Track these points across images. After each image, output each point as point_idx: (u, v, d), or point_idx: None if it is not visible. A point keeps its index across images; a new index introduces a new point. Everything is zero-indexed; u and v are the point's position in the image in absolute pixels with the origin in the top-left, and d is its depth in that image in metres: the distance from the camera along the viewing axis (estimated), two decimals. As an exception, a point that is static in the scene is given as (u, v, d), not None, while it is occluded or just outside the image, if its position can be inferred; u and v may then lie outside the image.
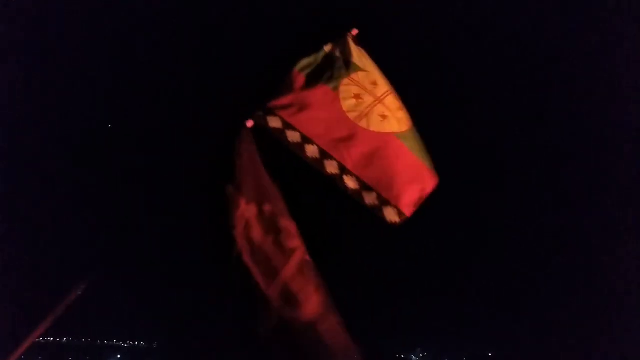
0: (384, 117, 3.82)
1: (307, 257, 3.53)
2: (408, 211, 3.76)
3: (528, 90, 11.41)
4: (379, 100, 3.88)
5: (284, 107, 3.64)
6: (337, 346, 3.32)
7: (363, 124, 3.76)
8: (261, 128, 3.59)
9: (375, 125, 3.77)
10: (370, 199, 3.69)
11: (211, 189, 3.60)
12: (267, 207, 3.49)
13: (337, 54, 3.98)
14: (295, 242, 3.51)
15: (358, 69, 3.90)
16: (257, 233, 3.44)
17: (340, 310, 3.54)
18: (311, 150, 3.63)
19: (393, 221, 3.70)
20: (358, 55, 3.96)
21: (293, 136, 3.62)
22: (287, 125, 3.62)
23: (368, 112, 3.81)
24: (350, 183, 3.67)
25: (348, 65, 3.88)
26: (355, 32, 4.10)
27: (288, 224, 3.54)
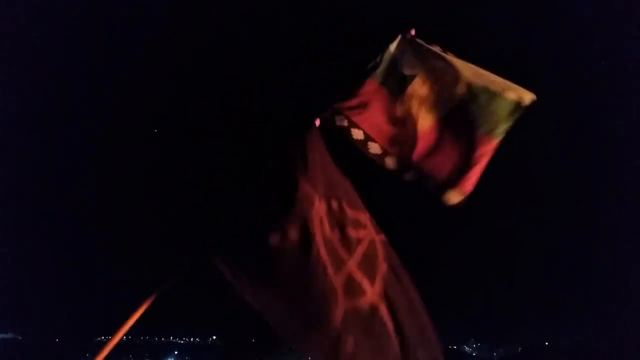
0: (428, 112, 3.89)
1: (381, 238, 3.64)
2: (467, 190, 3.86)
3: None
4: (424, 101, 3.95)
5: (351, 108, 3.86)
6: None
7: (420, 125, 3.87)
8: (329, 127, 3.81)
9: (426, 123, 3.87)
10: (431, 184, 3.83)
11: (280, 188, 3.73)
12: (334, 203, 3.60)
13: (397, 55, 4.05)
14: (362, 232, 3.58)
15: (412, 79, 3.97)
16: (326, 228, 3.51)
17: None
18: (374, 148, 3.86)
19: (452, 203, 3.77)
20: (411, 62, 4.02)
21: (357, 134, 3.84)
22: (353, 124, 3.84)
23: (419, 115, 3.92)
24: (409, 176, 3.85)
25: (404, 73, 3.98)
26: (412, 32, 4.04)
27: (358, 215, 3.63)
